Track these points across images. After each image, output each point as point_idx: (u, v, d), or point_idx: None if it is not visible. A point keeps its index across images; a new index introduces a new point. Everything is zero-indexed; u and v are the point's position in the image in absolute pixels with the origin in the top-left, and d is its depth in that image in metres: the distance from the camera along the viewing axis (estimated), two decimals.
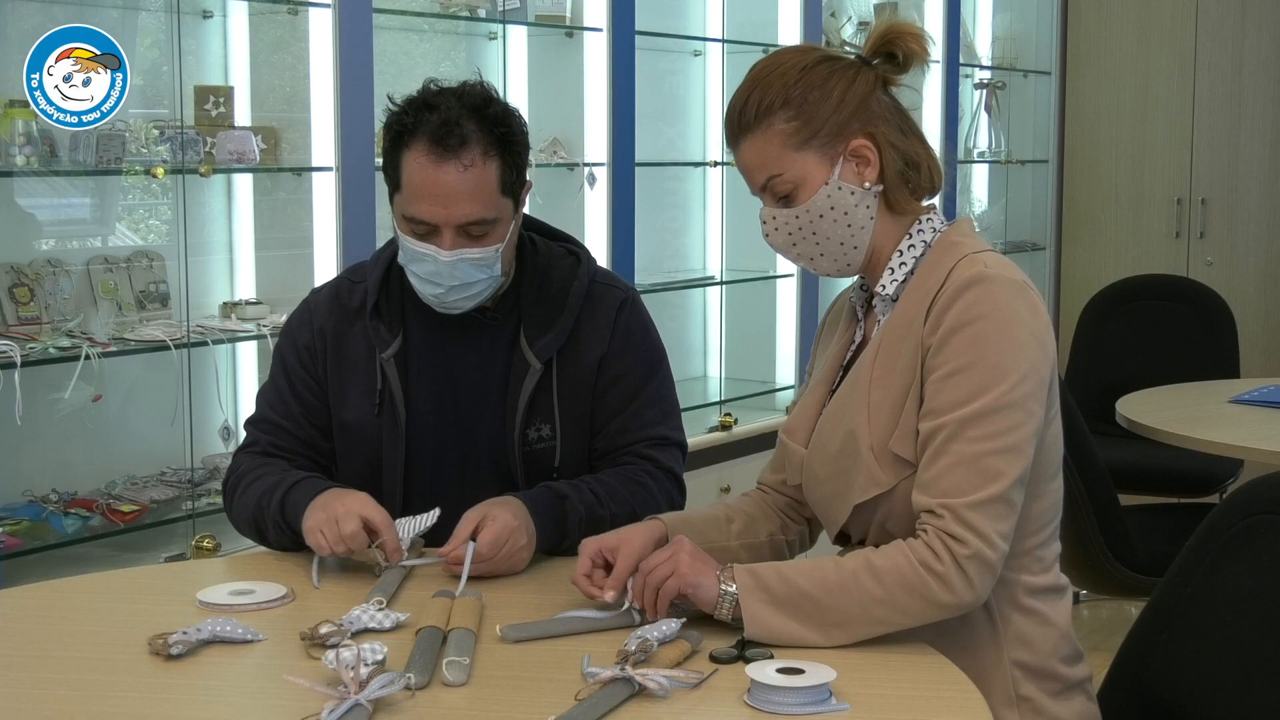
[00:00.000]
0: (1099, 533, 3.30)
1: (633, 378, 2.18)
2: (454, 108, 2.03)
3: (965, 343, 1.70)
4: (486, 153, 2.03)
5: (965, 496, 1.67)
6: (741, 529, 1.95)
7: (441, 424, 2.16)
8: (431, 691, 1.56)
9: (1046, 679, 1.81)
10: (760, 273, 4.83)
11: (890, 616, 1.68)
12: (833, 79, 1.81)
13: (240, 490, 2.15)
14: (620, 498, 2.10)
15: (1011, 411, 1.68)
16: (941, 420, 1.70)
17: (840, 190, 1.81)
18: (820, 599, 1.67)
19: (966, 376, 1.69)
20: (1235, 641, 1.73)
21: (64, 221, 3.34)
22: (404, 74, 3.85)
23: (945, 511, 1.67)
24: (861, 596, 1.67)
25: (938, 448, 1.70)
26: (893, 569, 1.67)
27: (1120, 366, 4.58)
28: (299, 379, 2.20)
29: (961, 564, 1.66)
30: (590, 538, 1.85)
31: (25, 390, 2.85)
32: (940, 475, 1.69)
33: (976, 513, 1.66)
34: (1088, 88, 6.43)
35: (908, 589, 1.66)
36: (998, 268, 1.75)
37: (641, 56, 4.22)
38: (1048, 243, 6.49)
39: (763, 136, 1.81)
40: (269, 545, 2.14)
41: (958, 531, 1.66)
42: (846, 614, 1.67)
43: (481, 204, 2.03)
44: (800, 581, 1.68)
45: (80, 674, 1.65)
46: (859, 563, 1.69)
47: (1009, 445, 1.68)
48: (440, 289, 2.07)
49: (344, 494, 2.02)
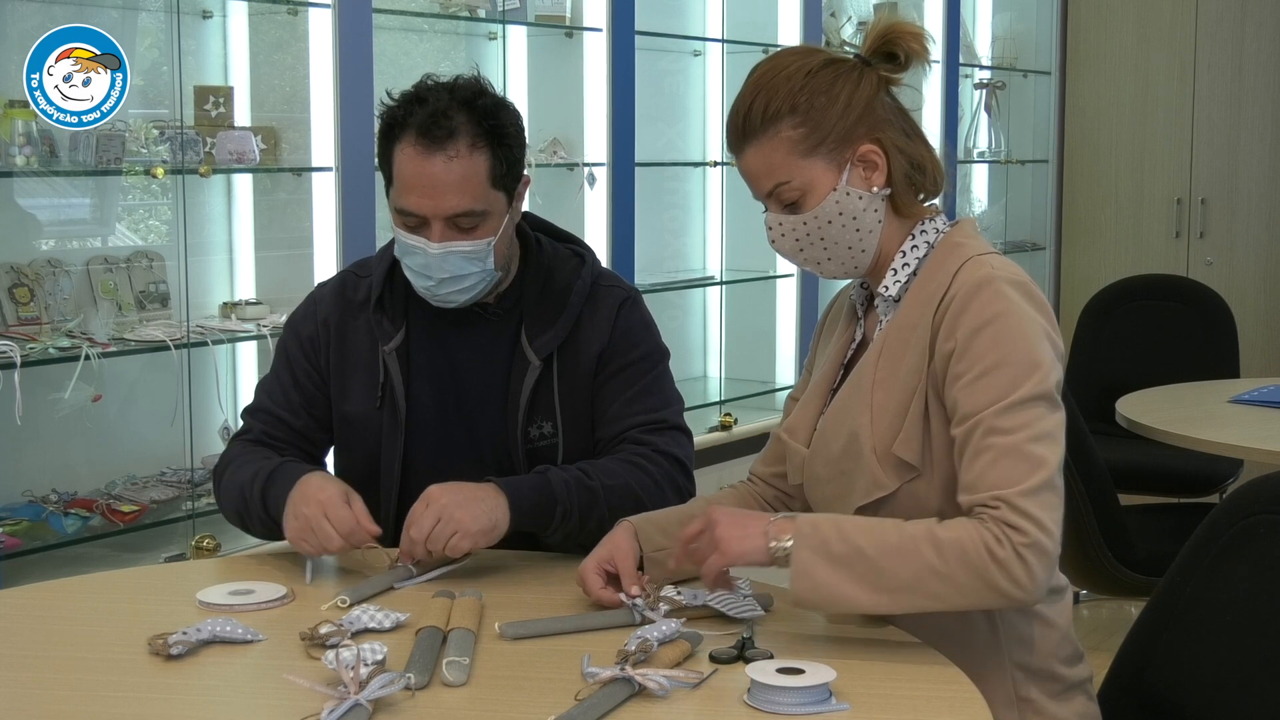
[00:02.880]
0: (1099, 533, 3.29)
1: (632, 370, 2.17)
2: (444, 100, 2.03)
3: (988, 343, 1.69)
4: (475, 145, 2.02)
5: (1016, 486, 1.64)
6: None
7: (442, 419, 2.16)
8: (431, 691, 1.56)
9: (1047, 680, 1.80)
10: (760, 273, 4.84)
11: (944, 591, 1.63)
12: (838, 83, 1.79)
13: (225, 478, 2.15)
14: (612, 471, 2.07)
15: (1041, 403, 1.68)
16: (976, 419, 1.68)
17: (849, 196, 1.80)
18: (877, 559, 1.63)
19: (997, 375, 1.68)
20: (1235, 641, 1.73)
21: (64, 221, 3.34)
22: (404, 74, 3.85)
23: (999, 503, 1.64)
24: (919, 565, 1.63)
25: (977, 445, 1.68)
26: (955, 542, 1.63)
27: (1120, 366, 4.57)
28: (301, 369, 2.20)
29: (1021, 553, 1.62)
30: (583, 563, 1.84)
31: (25, 390, 2.85)
32: (985, 470, 1.66)
33: (1030, 501, 1.64)
34: (1088, 88, 6.43)
35: (968, 567, 1.62)
36: (1003, 269, 1.75)
37: (641, 56, 4.22)
38: (1048, 243, 6.49)
39: (769, 144, 1.79)
40: (253, 535, 2.15)
41: (1015, 521, 1.63)
42: (900, 580, 1.63)
43: (469, 196, 2.03)
44: (859, 539, 1.65)
45: (80, 674, 1.65)
46: (921, 530, 1.65)
47: (1044, 433, 1.67)
48: (431, 281, 2.07)
49: (309, 495, 1.99)
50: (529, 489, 2.01)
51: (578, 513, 2.03)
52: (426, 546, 1.92)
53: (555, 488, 2.02)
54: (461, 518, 1.92)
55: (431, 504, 1.93)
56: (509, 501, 1.97)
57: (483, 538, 1.94)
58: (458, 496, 1.94)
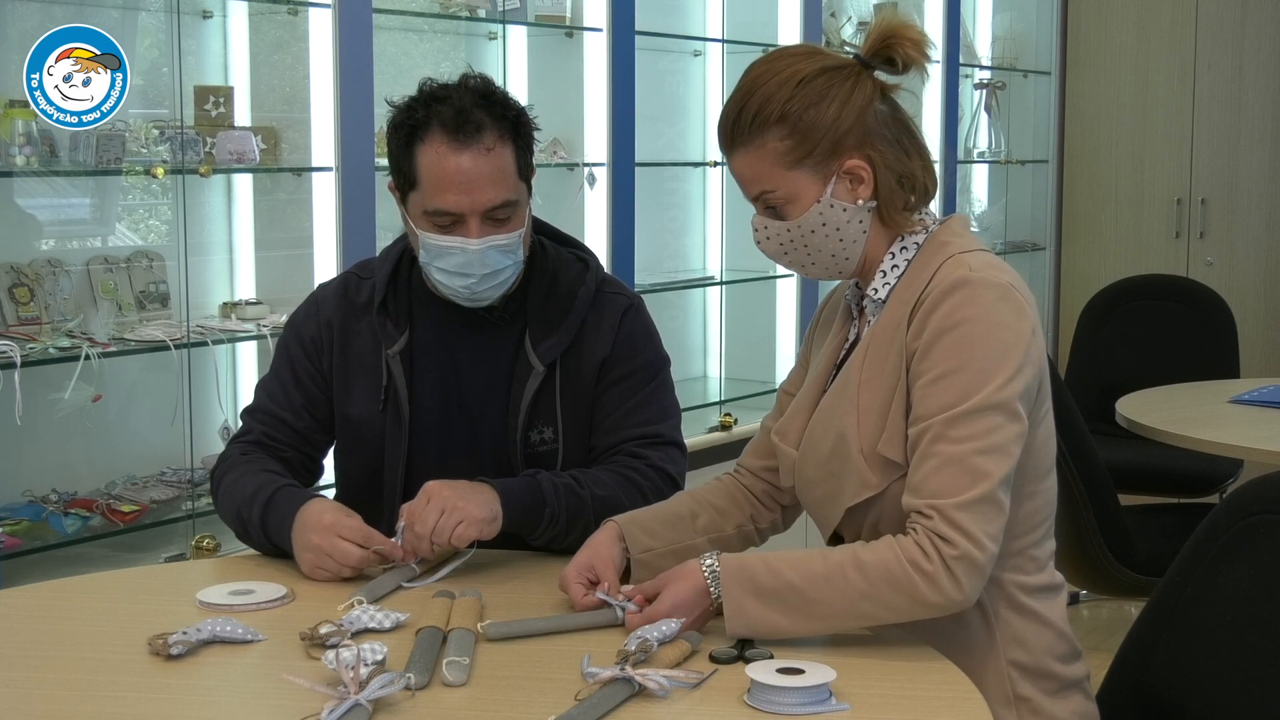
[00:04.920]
0: (1099, 533, 3.29)
1: (632, 380, 2.17)
2: (463, 96, 2.04)
3: (951, 347, 1.70)
4: (501, 137, 2.04)
5: (953, 497, 1.66)
6: (707, 523, 1.94)
7: (445, 422, 2.16)
8: (431, 691, 1.56)
9: (1043, 678, 1.81)
10: (760, 273, 4.83)
11: (875, 611, 1.67)
12: (830, 92, 1.77)
13: (224, 486, 2.15)
14: (603, 482, 2.08)
15: (995, 413, 1.68)
16: (928, 423, 1.69)
17: (833, 208, 1.79)
18: (805, 590, 1.66)
19: (953, 380, 1.69)
20: (1235, 641, 1.73)
21: (64, 221, 3.34)
22: (404, 74, 3.85)
23: (933, 512, 1.66)
24: (847, 590, 1.66)
25: (924, 450, 1.69)
26: (879, 564, 1.66)
27: (1120, 366, 4.58)
28: (304, 370, 2.20)
29: (949, 565, 1.65)
30: (565, 570, 1.84)
31: (25, 390, 2.85)
32: (927, 477, 1.69)
33: (964, 513, 1.65)
34: (1088, 88, 6.43)
35: (894, 586, 1.65)
36: (983, 269, 1.74)
37: (641, 56, 4.22)
38: (1048, 243, 6.49)
39: (755, 152, 1.79)
40: (252, 548, 2.15)
41: (946, 532, 1.65)
42: (831, 608, 1.66)
43: (505, 187, 2.04)
44: (787, 573, 1.67)
45: (80, 674, 1.65)
46: (846, 555, 1.68)
47: (993, 445, 1.68)
48: (472, 279, 2.07)
49: (313, 524, 1.98)
50: (520, 489, 2.02)
51: (565, 517, 2.03)
52: (432, 539, 1.92)
53: (545, 490, 2.03)
54: (465, 506, 1.93)
55: (433, 498, 1.94)
56: (501, 500, 1.98)
57: (486, 526, 1.95)
58: (457, 489, 1.96)
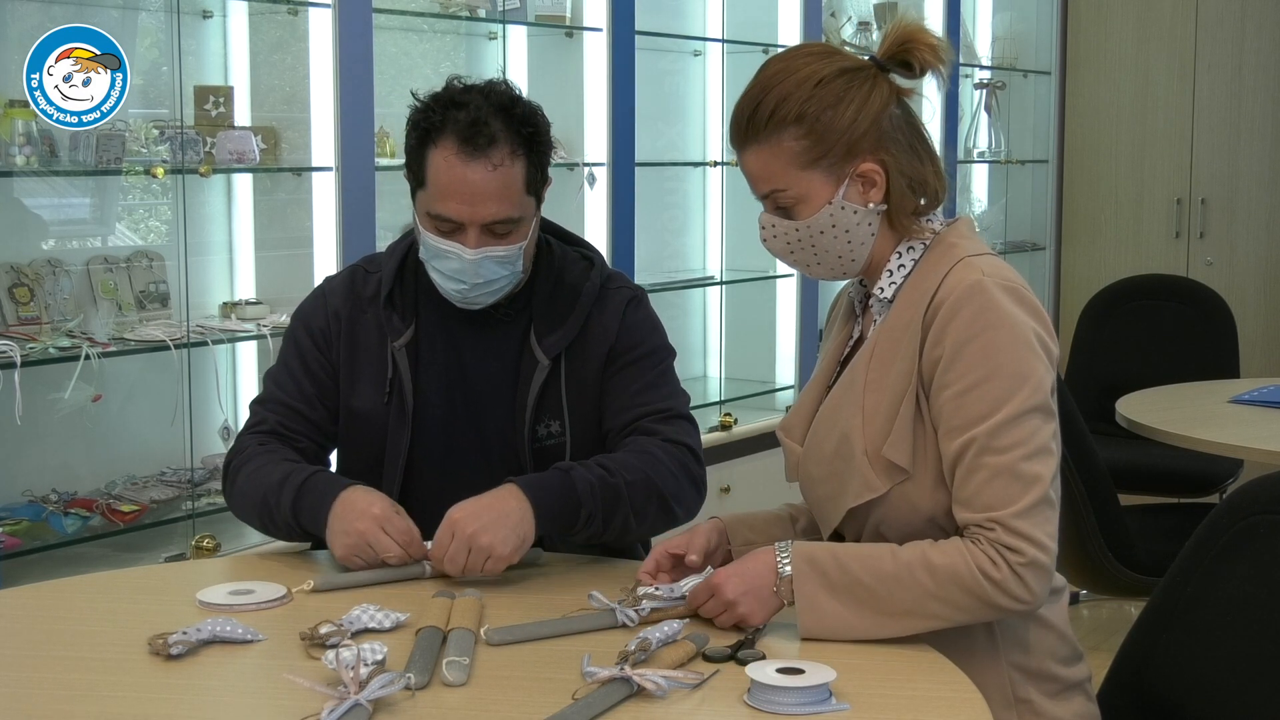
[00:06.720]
0: (1099, 533, 3.29)
1: (640, 364, 2.17)
2: (482, 106, 2.02)
3: (977, 355, 1.69)
4: (514, 152, 2.02)
5: (1010, 507, 1.67)
6: (806, 526, 1.95)
7: (450, 416, 2.16)
8: (431, 691, 1.56)
9: (1044, 680, 1.81)
10: (760, 273, 4.84)
11: (945, 611, 1.68)
12: (848, 94, 1.77)
13: (243, 475, 2.11)
14: (631, 466, 2.05)
15: (1034, 416, 1.69)
16: (969, 435, 1.69)
17: (843, 210, 1.79)
18: (874, 587, 1.67)
19: (986, 389, 1.69)
20: (1235, 642, 1.73)
21: (64, 221, 3.34)
22: (404, 74, 3.85)
23: (994, 525, 1.67)
24: (916, 590, 1.67)
25: (970, 463, 1.69)
26: (949, 568, 1.67)
27: (1120, 366, 4.57)
28: (314, 360, 2.19)
29: (1018, 571, 1.66)
30: (661, 543, 1.87)
31: (25, 390, 2.85)
32: (980, 490, 1.69)
33: (1023, 520, 1.66)
34: (1088, 88, 6.43)
35: (964, 590, 1.67)
36: (994, 273, 1.74)
37: (641, 56, 4.22)
38: (1048, 243, 6.49)
39: (769, 150, 1.78)
40: (270, 535, 2.14)
41: (1010, 542, 1.66)
42: (902, 605, 1.67)
43: (508, 203, 2.03)
44: (856, 569, 1.68)
45: (80, 674, 1.65)
46: (915, 555, 1.68)
47: (1037, 448, 1.68)
48: (464, 285, 2.07)
49: (360, 510, 1.97)
50: (553, 495, 1.98)
51: (601, 515, 2.01)
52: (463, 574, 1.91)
53: (580, 490, 1.99)
54: (489, 543, 1.89)
55: (458, 534, 1.90)
56: (533, 509, 1.95)
57: (514, 556, 1.93)
58: (482, 520, 1.91)
